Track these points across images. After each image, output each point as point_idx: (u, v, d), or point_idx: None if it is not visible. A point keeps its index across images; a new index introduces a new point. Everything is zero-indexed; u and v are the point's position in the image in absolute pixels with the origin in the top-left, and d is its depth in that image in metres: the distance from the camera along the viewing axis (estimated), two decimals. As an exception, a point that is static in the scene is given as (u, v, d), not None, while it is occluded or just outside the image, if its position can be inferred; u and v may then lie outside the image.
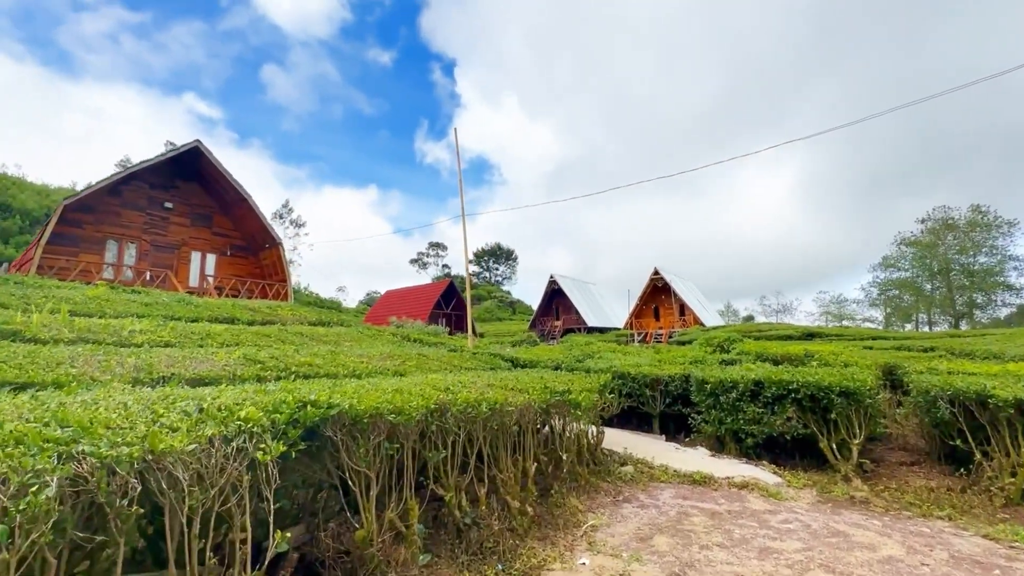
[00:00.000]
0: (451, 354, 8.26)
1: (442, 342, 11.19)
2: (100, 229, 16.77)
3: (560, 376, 6.05)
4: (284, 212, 59.89)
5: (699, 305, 42.41)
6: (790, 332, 22.17)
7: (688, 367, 8.26)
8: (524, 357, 9.59)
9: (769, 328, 25.94)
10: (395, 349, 7.66)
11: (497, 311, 70.58)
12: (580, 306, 45.04)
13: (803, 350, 10.65)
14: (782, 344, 14.75)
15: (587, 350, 13.47)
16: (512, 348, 15.75)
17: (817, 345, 13.39)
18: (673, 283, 38.80)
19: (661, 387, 7.59)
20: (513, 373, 6.12)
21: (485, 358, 8.55)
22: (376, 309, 42.41)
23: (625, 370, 7.87)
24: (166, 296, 9.74)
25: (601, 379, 6.11)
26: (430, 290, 40.63)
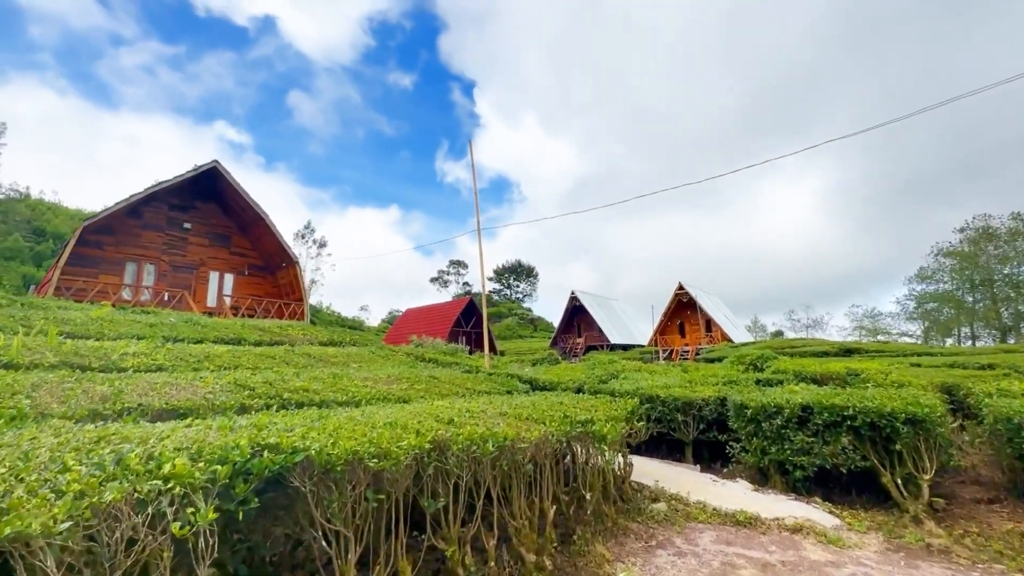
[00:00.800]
0: (465, 376, 7.83)
1: (457, 362, 10.78)
2: (120, 250, 16.94)
3: (582, 401, 5.56)
4: (306, 233, 60.79)
5: (726, 320, 41.20)
6: (825, 348, 21.15)
7: (722, 388, 7.71)
8: (544, 379, 9.14)
9: (802, 344, 24.85)
10: (405, 371, 7.25)
11: (518, 328, 70.11)
12: (602, 323, 44.27)
13: (844, 368, 10.14)
14: (820, 361, 13.95)
15: (611, 369, 12.88)
16: (532, 367, 15.23)
17: (859, 362, 12.68)
18: (699, 298, 37.78)
19: (694, 411, 6.99)
20: (530, 398, 5.68)
21: (501, 380, 8.12)
22: (396, 328, 42.45)
23: (653, 393, 7.31)
24: (174, 316, 9.54)
25: (628, 404, 5.55)
26: (450, 308, 40.49)
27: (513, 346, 54.72)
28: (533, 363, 23.04)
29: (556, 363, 25.05)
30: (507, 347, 53.67)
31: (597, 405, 5.35)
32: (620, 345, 44.57)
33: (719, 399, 7.05)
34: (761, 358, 13.27)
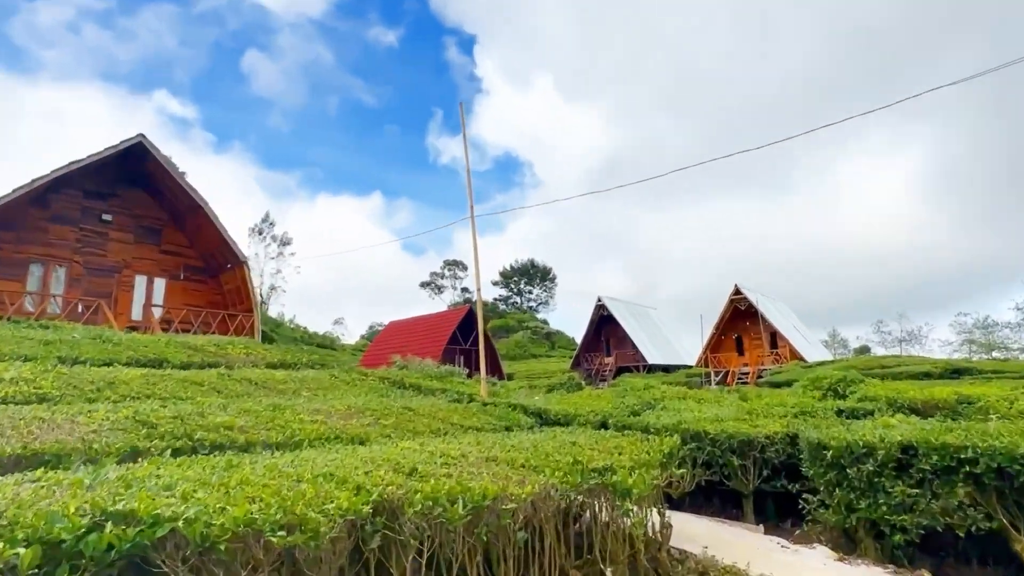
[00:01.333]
0: (452, 407, 7.67)
1: (446, 388, 10.59)
2: (20, 249, 16.95)
3: (604, 440, 5.36)
4: (265, 227, 61.31)
5: (796, 334, 40.64)
6: (926, 368, 20.76)
7: (793, 422, 7.46)
8: (556, 410, 8.91)
9: (895, 363, 24.41)
10: (373, 401, 7.03)
11: (530, 345, 70.10)
12: (637, 337, 44.03)
13: (953, 394, 9.85)
14: (920, 385, 13.61)
15: (646, 397, 12.55)
16: (545, 395, 14.93)
17: (971, 386, 12.28)
18: (760, 305, 37.36)
19: (755, 453, 6.74)
20: (534, 436, 5.48)
21: (500, 412, 8.00)
22: (376, 346, 42.49)
23: (701, 428, 7.05)
24: (79, 332, 9.39)
25: (666, 444, 5.28)
26: (443, 320, 40.41)
27: (524, 367, 54.61)
28: (548, 389, 22.72)
29: (578, 389, 24.70)
30: (516, 369, 53.54)
31: (623, 446, 5.11)
32: (660, 366, 44.22)
33: (789, 436, 6.82)
34: (843, 381, 12.97)
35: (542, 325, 79.62)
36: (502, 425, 6.88)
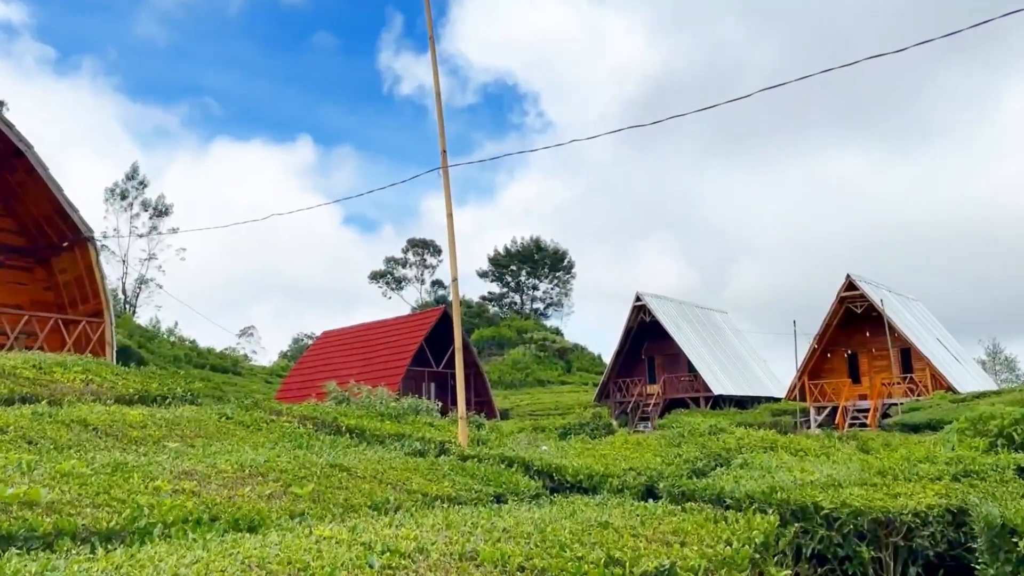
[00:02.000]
0: (411, 463, 7.66)
1: (405, 433, 10.37)
2: None
3: (654, 520, 5.09)
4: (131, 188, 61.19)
5: (942, 350, 40.50)
6: None
7: (953, 489, 7.32)
8: (576, 467, 8.74)
9: None
10: (281, 456, 6.80)
11: (535, 367, 70.28)
12: (697, 355, 43.97)
13: None
14: None
15: (714, 447, 12.46)
16: (559, 442, 14.63)
17: None
18: (887, 307, 37.09)
19: (896, 540, 6.51)
20: (541, 512, 5.21)
21: (488, 471, 7.79)
22: (302, 368, 42.47)
23: (807, 500, 6.80)
24: None
25: (758, 527, 4.98)
26: (406, 329, 40.35)
27: (527, 399, 54.72)
28: (562, 433, 22.51)
29: (607, 433, 24.54)
30: (516, 401, 53.64)
31: (687, 529, 4.82)
32: (732, 398, 44.15)
33: (951, 513, 6.63)
34: (1021, 423, 12.92)
35: (554, 337, 79.77)
36: (490, 492, 6.74)
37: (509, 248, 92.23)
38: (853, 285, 38.35)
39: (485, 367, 60.10)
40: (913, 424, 24.33)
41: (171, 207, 64.38)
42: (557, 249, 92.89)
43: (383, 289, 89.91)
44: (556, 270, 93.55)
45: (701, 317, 50.72)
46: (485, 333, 78.76)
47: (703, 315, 51.58)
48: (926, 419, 24.18)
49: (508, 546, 3.81)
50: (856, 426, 32.89)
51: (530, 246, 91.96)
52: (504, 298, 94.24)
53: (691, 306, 51.37)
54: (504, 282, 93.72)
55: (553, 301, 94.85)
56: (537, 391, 61.49)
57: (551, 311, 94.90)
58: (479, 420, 19.13)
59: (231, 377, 52.57)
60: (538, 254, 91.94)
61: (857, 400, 37.96)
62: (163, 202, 63.39)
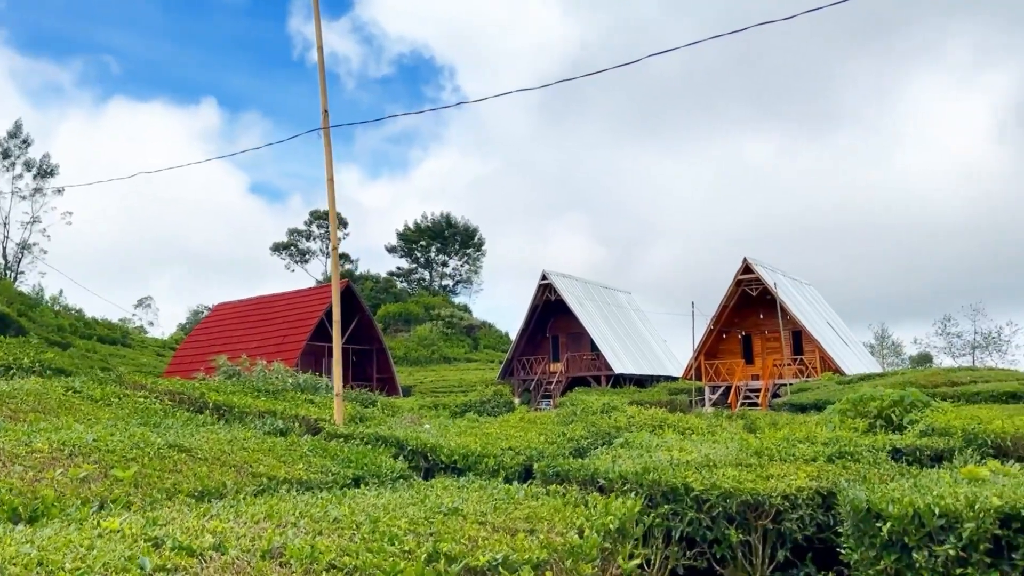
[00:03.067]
0: (267, 443, 7.33)
1: (277, 410, 9.86)
2: None
3: (511, 504, 4.86)
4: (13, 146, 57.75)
5: (831, 333, 41.79)
6: (1013, 387, 21.53)
7: (825, 471, 7.34)
8: (452, 447, 8.50)
9: (970, 378, 25.21)
10: (116, 434, 6.24)
11: (442, 344, 69.97)
12: (600, 334, 44.27)
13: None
14: (1007, 412, 13.75)
15: (604, 425, 12.48)
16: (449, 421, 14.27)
17: None
18: (781, 291, 37.99)
19: (765, 523, 6.45)
20: (390, 497, 4.91)
21: (353, 452, 7.51)
22: (195, 341, 41.15)
23: (679, 481, 6.71)
24: None
25: (614, 512, 4.74)
26: (305, 303, 39.30)
27: (432, 376, 54.37)
28: (457, 411, 22.21)
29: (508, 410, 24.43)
30: (421, 378, 53.21)
31: (541, 515, 4.56)
32: (633, 377, 44.68)
33: (820, 495, 6.60)
34: (900, 405, 13.28)
35: (461, 314, 79.58)
36: (348, 475, 6.44)
37: (419, 224, 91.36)
38: (749, 268, 39.09)
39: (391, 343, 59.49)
40: (801, 404, 24.92)
41: (57, 167, 61.05)
42: (468, 226, 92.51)
43: (286, 262, 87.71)
44: (466, 247, 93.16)
45: (606, 297, 51.08)
46: (392, 309, 77.87)
47: (608, 295, 51.96)
48: (813, 400, 24.81)
49: (326, 540, 3.43)
50: (747, 406, 33.64)
51: (441, 222, 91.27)
52: (413, 274, 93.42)
53: (596, 286, 51.69)
54: (413, 258, 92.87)
55: (462, 278, 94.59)
56: (443, 368, 61.17)
57: (460, 288, 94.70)
58: (371, 397, 18.61)
59: (120, 349, 50.58)
60: (448, 230, 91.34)
61: (750, 380, 38.86)
62: (48, 162, 60.11)
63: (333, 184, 10.14)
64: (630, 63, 10.66)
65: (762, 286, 38.82)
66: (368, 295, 78.11)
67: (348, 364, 40.40)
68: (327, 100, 9.91)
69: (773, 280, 38.80)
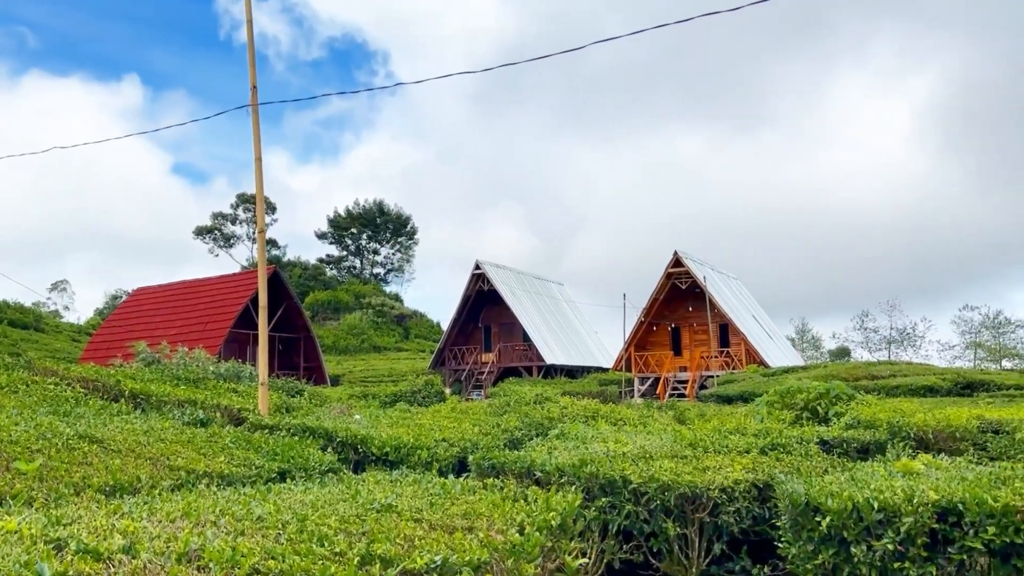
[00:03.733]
0: (187, 434, 6.99)
1: (198, 399, 9.51)
2: None
3: (448, 500, 4.68)
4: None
5: (757, 327, 42.60)
6: (931, 380, 22.09)
7: (760, 463, 7.36)
8: (384, 438, 8.24)
9: (889, 372, 25.88)
10: (15, 425, 5.93)
11: (372, 333, 69.20)
12: (532, 325, 44.28)
13: (975, 418, 10.33)
14: (926, 405, 14.10)
15: (537, 415, 12.38)
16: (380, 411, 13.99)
17: (994, 408, 13.03)
18: (709, 284, 38.54)
19: (702, 516, 6.43)
20: (319, 493, 4.68)
21: (279, 444, 7.20)
22: (112, 327, 39.88)
23: (617, 473, 6.61)
24: None
25: (556, 507, 4.62)
26: (229, 289, 38.25)
27: (362, 366, 53.70)
28: (387, 401, 21.91)
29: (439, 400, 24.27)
30: (350, 367, 52.49)
31: (480, 511, 4.37)
32: (564, 368, 44.84)
33: (757, 488, 6.60)
34: (825, 398, 13.39)
35: (392, 303, 78.81)
36: (273, 469, 6.13)
37: (351, 210, 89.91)
38: (680, 262, 39.50)
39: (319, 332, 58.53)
40: (727, 396, 25.29)
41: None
42: (400, 214, 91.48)
43: (210, 246, 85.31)
44: (399, 235, 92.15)
45: (539, 287, 51.11)
46: (321, 296, 76.61)
47: (540, 286, 52.01)
48: (739, 391, 25.18)
49: (249, 542, 3.18)
50: (675, 397, 34.06)
51: (373, 209, 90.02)
52: (343, 261, 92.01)
53: (529, 276, 51.68)
54: (344, 245, 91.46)
55: (394, 267, 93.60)
56: (373, 357, 60.48)
57: (392, 277, 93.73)
58: (298, 386, 18.12)
59: (32, 334, 48.75)
60: (381, 218, 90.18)
61: (678, 372, 39.33)
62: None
63: (261, 164, 9.76)
64: (573, 50, 10.52)
65: (692, 279, 39.30)
66: (296, 282, 76.79)
67: (275, 352, 39.52)
68: (256, 75, 9.49)
69: (702, 274, 39.33)
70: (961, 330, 68.93)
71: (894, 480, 5.62)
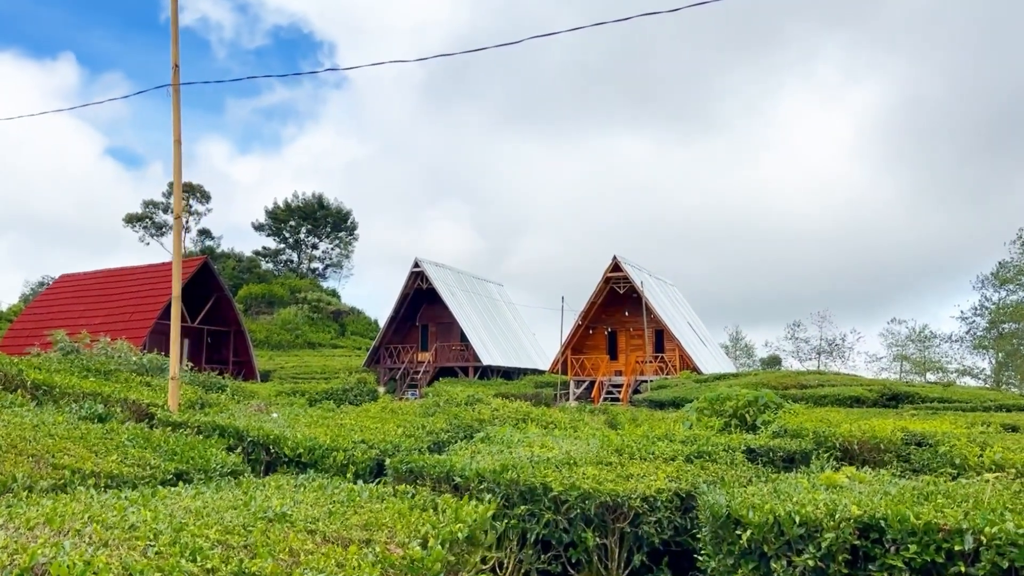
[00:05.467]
0: (80, 429, 6.59)
1: (105, 392, 9.05)
2: None
3: (350, 508, 4.38)
4: None
5: (691, 333, 42.97)
6: (857, 391, 22.54)
7: (684, 471, 7.30)
8: (299, 438, 7.94)
9: (817, 381, 26.29)
10: None
11: (307, 329, 68.12)
12: (469, 324, 43.98)
13: (899, 430, 10.37)
14: (852, 415, 14.22)
15: (467, 417, 12.22)
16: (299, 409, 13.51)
17: (915, 420, 12.99)
18: (646, 289, 38.76)
19: (623, 526, 6.33)
20: (210, 497, 4.37)
21: (182, 442, 6.88)
22: (33, 314, 38.43)
23: (538, 480, 6.47)
24: None
25: (465, 517, 4.31)
26: (156, 280, 37.07)
27: (294, 362, 52.69)
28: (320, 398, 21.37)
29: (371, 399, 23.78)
30: (282, 363, 51.50)
31: (382, 522, 4.12)
32: (501, 369, 44.65)
33: (679, 497, 6.54)
34: (754, 406, 13.42)
35: (329, 298, 77.66)
36: (169, 470, 5.77)
37: (290, 203, 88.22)
38: (618, 266, 39.60)
39: (252, 326, 57.21)
40: (659, 401, 25.37)
41: None
42: (341, 208, 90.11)
43: (142, 234, 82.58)
44: (338, 230, 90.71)
45: (477, 287, 50.83)
46: (255, 290, 74.99)
47: (479, 285, 51.74)
48: (671, 397, 25.29)
49: (108, 555, 2.83)
50: (609, 400, 34.12)
51: (312, 202, 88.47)
52: (280, 255, 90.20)
53: (468, 276, 51.36)
54: (282, 238, 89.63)
55: (333, 262, 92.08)
56: (306, 353, 59.39)
57: (330, 272, 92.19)
58: (220, 381, 17.53)
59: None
60: (320, 211, 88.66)
61: (613, 376, 39.44)
62: None
63: (180, 147, 9.28)
64: (512, 43, 10.29)
65: (630, 284, 39.42)
66: (230, 274, 75.04)
67: (203, 346, 38.53)
68: (178, 54, 9.03)
69: (640, 279, 39.49)
70: (888, 342, 70.72)
71: (817, 493, 5.53)
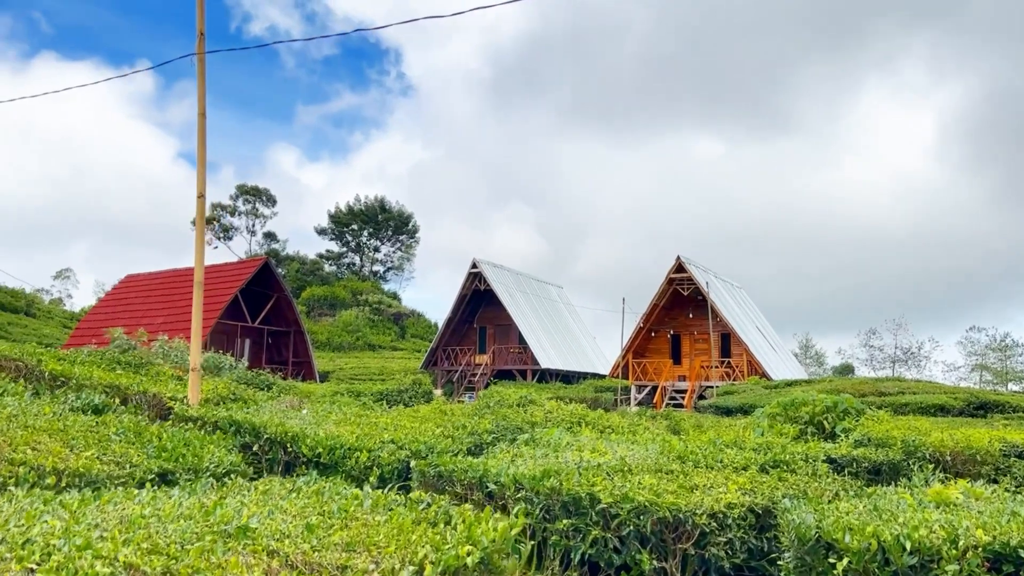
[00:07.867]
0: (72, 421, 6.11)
1: (122, 384, 8.64)
2: None
3: (339, 518, 3.70)
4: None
5: (760, 338, 41.53)
6: (941, 400, 21.47)
7: (759, 482, 6.47)
8: (321, 438, 7.31)
9: (897, 388, 25.15)
10: None
11: (368, 331, 68.30)
12: (527, 326, 43.30)
13: (997, 440, 9.82)
14: (939, 424, 13.18)
15: (518, 419, 11.57)
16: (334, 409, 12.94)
17: (1012, 431, 12.52)
18: (712, 292, 37.43)
19: (685, 546, 5.47)
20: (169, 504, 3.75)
21: (180, 437, 6.39)
22: (100, 313, 38.98)
23: (584, 490, 5.68)
24: None
25: (479, 538, 3.42)
26: (218, 280, 37.28)
27: (354, 363, 52.65)
28: (377, 398, 20.95)
29: (426, 400, 23.29)
30: (342, 364, 51.47)
31: (374, 540, 3.39)
32: (559, 373, 43.81)
33: (755, 514, 5.78)
34: (832, 411, 12.59)
35: (390, 301, 77.89)
36: (152, 469, 5.29)
37: (352, 207, 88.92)
38: (682, 267, 38.45)
39: (314, 328, 57.48)
40: (726, 407, 24.44)
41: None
42: (402, 212, 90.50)
43: (208, 237, 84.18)
44: (400, 233, 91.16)
45: (537, 289, 50.16)
46: (317, 292, 75.63)
47: (539, 287, 51.07)
48: (739, 403, 24.31)
49: None
50: (673, 406, 33.02)
51: (374, 206, 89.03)
52: (343, 258, 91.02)
53: (528, 277, 50.73)
54: (344, 241, 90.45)
55: (394, 265, 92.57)
56: (366, 355, 59.45)
57: (391, 275, 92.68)
58: (269, 379, 17.11)
59: (22, 318, 48.18)
60: (382, 215, 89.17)
61: (677, 381, 38.31)
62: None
63: (204, 121, 8.76)
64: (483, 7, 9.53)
65: (694, 286, 38.27)
66: (294, 277, 75.92)
67: (263, 345, 38.69)
68: (204, 23, 8.48)
69: (705, 280, 38.30)
70: (967, 351, 67.81)
71: (927, 512, 4.66)
